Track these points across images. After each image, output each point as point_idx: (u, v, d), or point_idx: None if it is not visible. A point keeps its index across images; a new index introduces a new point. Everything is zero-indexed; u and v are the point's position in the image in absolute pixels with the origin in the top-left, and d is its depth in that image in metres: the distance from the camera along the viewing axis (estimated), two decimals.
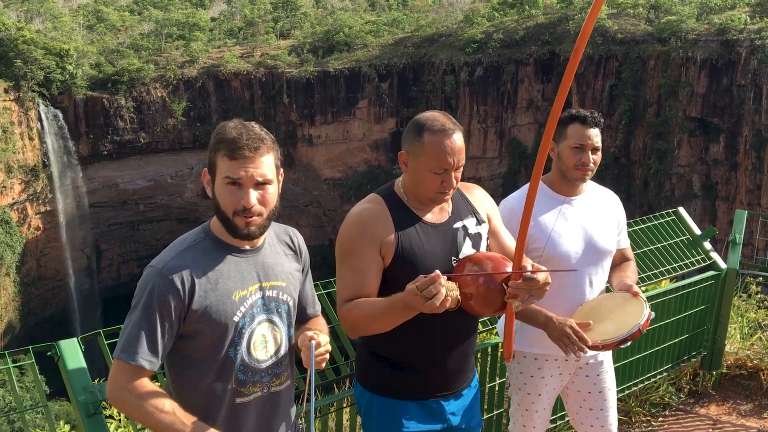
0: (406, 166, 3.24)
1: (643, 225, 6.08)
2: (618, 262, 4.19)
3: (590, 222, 3.99)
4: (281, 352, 2.89)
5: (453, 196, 3.33)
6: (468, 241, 3.31)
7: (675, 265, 5.98)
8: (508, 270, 3.02)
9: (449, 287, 2.76)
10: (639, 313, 3.61)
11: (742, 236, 6.54)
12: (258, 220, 2.71)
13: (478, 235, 3.36)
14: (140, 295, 2.67)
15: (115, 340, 2.71)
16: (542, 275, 2.98)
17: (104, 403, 3.51)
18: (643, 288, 5.80)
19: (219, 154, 2.68)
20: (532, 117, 67.04)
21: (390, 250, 3.17)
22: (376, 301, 3.07)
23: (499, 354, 4.96)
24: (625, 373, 5.83)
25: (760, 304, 7.47)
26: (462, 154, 3.15)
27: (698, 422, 6.22)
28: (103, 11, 77.76)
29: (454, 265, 3.23)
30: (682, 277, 6.12)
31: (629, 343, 3.60)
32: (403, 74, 69.11)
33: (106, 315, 62.76)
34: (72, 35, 69.28)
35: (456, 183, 3.18)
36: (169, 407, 2.62)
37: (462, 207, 3.38)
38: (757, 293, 7.40)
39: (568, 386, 4.17)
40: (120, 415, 4.63)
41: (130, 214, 68.88)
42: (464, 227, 3.33)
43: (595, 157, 3.92)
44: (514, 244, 3.41)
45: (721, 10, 64.11)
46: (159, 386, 2.76)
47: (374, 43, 70.59)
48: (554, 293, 3.73)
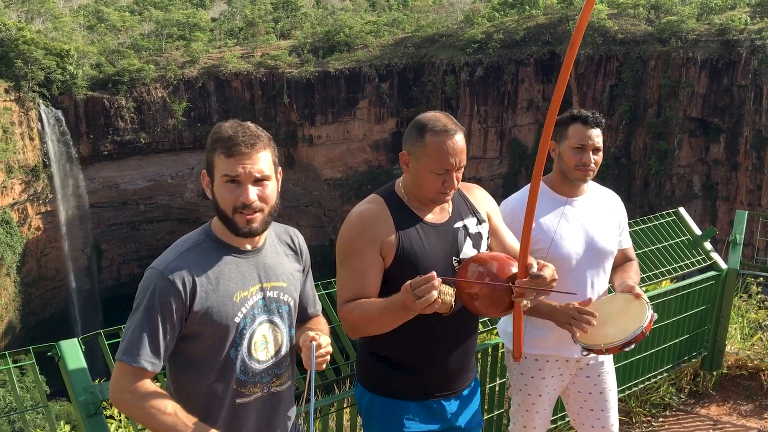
0: (407, 167, 3.24)
1: (644, 225, 6.08)
2: (620, 263, 4.17)
3: (591, 223, 3.98)
4: (282, 353, 2.89)
5: (453, 196, 3.32)
6: (469, 241, 3.31)
7: (675, 265, 5.98)
8: (513, 270, 3.01)
9: (444, 291, 2.73)
10: (641, 315, 3.56)
11: (743, 236, 6.54)
12: (259, 216, 2.71)
13: (479, 234, 3.36)
14: (142, 297, 2.67)
15: (116, 341, 2.72)
16: (549, 271, 2.98)
17: (104, 403, 3.51)
18: (644, 288, 5.80)
19: (216, 153, 2.68)
20: (532, 117, 67.03)
21: (391, 251, 3.17)
22: (376, 302, 3.07)
23: (499, 354, 4.96)
24: (626, 374, 5.83)
25: (761, 305, 7.47)
26: (463, 155, 3.15)
27: (699, 422, 6.22)
28: (103, 11, 77.79)
29: (455, 265, 3.23)
30: (683, 277, 6.11)
31: (633, 346, 3.57)
32: (403, 74, 69.12)
33: (107, 315, 62.78)
34: (72, 35, 69.32)
35: (457, 183, 3.19)
36: (171, 409, 2.63)
37: (462, 207, 3.38)
38: (757, 293, 7.40)
39: (569, 387, 4.16)
40: (120, 416, 4.64)
41: (131, 215, 68.90)
42: (465, 227, 3.33)
43: (596, 158, 3.90)
44: (516, 242, 3.42)
45: (722, 11, 64.10)
46: (160, 387, 2.76)
47: (375, 44, 70.60)
48: (555, 295, 3.73)
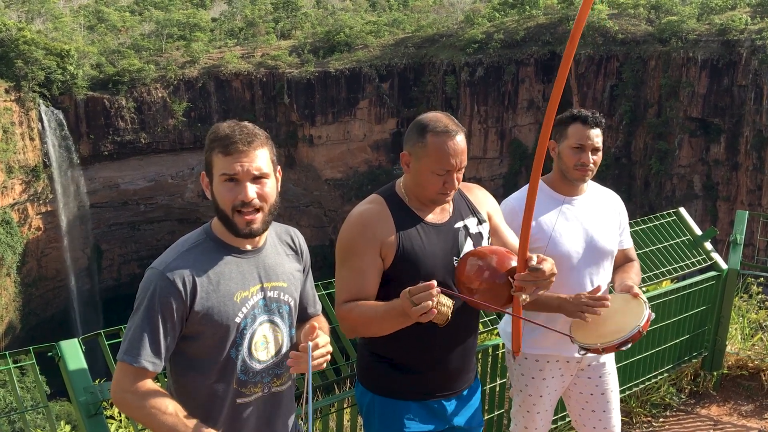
0: (408, 167, 3.24)
1: (644, 225, 6.08)
2: (621, 263, 4.16)
3: (591, 222, 3.98)
4: (282, 353, 2.89)
5: (454, 197, 3.32)
6: (469, 241, 3.31)
7: (676, 265, 5.97)
8: (513, 264, 3.01)
9: (442, 302, 2.73)
10: (639, 315, 3.56)
11: (743, 237, 6.53)
12: (258, 217, 2.71)
13: (479, 234, 3.36)
14: (142, 297, 2.67)
15: (116, 341, 2.72)
16: (548, 265, 2.98)
17: (105, 403, 3.51)
18: (644, 288, 5.80)
19: (214, 152, 2.68)
20: (532, 117, 67.04)
21: (391, 251, 3.17)
22: (375, 305, 3.07)
23: (500, 354, 4.96)
24: (626, 374, 5.83)
25: (761, 305, 7.46)
26: (464, 156, 3.15)
27: (699, 423, 6.22)
28: (103, 12, 77.84)
29: (456, 266, 3.23)
30: (683, 277, 6.11)
31: (629, 345, 3.57)
32: (403, 74, 69.13)
33: (107, 315, 62.78)
34: (73, 36, 69.35)
35: (458, 184, 3.19)
36: (171, 409, 2.63)
37: (463, 207, 3.39)
38: (758, 294, 7.39)
39: (571, 388, 4.15)
40: (121, 416, 4.64)
41: (131, 215, 68.92)
42: (465, 227, 3.33)
43: (596, 158, 3.90)
44: (517, 241, 3.41)
45: (722, 11, 64.10)
46: (160, 386, 2.76)
47: (375, 44, 70.61)
48: (556, 289, 3.73)
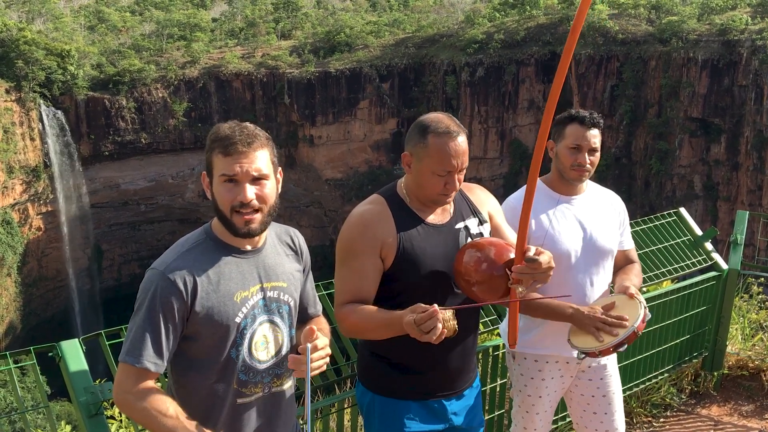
0: (409, 168, 3.24)
1: (645, 225, 6.07)
2: (622, 265, 4.15)
3: (590, 221, 3.98)
4: (282, 353, 2.89)
5: (455, 197, 3.32)
6: (470, 241, 3.30)
7: (676, 265, 5.97)
8: (511, 256, 3.02)
9: (446, 318, 2.76)
10: (634, 316, 3.56)
11: (744, 237, 6.53)
12: (257, 217, 2.71)
13: (480, 235, 3.36)
14: (143, 298, 2.67)
15: (116, 341, 2.72)
16: (545, 257, 2.98)
17: (105, 403, 3.51)
18: (645, 289, 5.79)
19: (214, 152, 2.69)
20: (533, 117, 67.02)
21: (391, 252, 3.17)
22: (375, 313, 3.07)
23: (500, 355, 4.96)
24: (627, 374, 5.83)
25: (762, 305, 7.46)
26: (465, 157, 3.15)
27: (699, 423, 6.21)
28: (104, 12, 77.86)
29: (455, 257, 3.23)
30: (684, 277, 6.11)
31: (625, 347, 3.57)
32: (404, 75, 69.12)
33: (108, 315, 62.78)
34: (73, 36, 69.36)
35: (459, 185, 3.19)
36: (172, 411, 2.63)
37: (464, 207, 3.39)
38: (758, 294, 7.39)
39: (572, 390, 4.14)
40: (121, 416, 4.64)
41: (132, 215, 68.92)
42: (466, 227, 3.33)
43: (593, 158, 3.89)
44: None
45: (723, 11, 64.09)
46: (161, 387, 2.76)
47: (375, 44, 70.61)
48: (555, 293, 3.73)
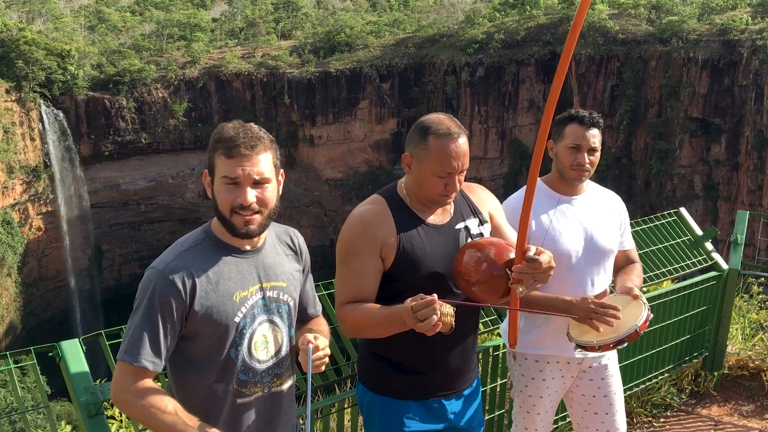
0: (409, 168, 3.24)
1: (645, 225, 6.07)
2: (623, 265, 4.15)
3: (590, 221, 3.98)
4: (282, 353, 2.89)
5: (455, 197, 3.32)
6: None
7: (677, 265, 5.97)
8: (511, 256, 3.02)
9: (445, 312, 2.76)
10: (637, 315, 3.58)
11: (744, 237, 6.53)
12: (257, 218, 2.71)
13: (480, 235, 3.35)
14: (142, 297, 2.67)
15: (117, 341, 2.72)
16: (545, 257, 2.98)
17: (105, 403, 3.51)
18: (645, 289, 5.79)
19: (217, 153, 2.68)
20: (533, 117, 67.01)
21: (391, 252, 3.17)
22: (375, 310, 3.07)
23: (500, 355, 4.96)
24: (627, 374, 5.82)
25: (762, 305, 7.46)
26: (466, 158, 3.15)
27: (700, 423, 6.21)
28: (104, 12, 77.85)
29: (455, 257, 3.22)
30: (684, 277, 6.11)
31: (626, 344, 3.57)
32: (404, 75, 69.11)
33: (108, 315, 62.79)
34: (73, 36, 69.36)
35: (459, 186, 3.18)
36: (171, 408, 2.63)
37: (464, 208, 3.39)
38: (758, 294, 7.39)
39: (573, 390, 4.14)
40: (121, 416, 4.64)
41: (132, 215, 68.93)
42: (466, 228, 3.33)
43: (592, 158, 3.89)
44: None
45: (723, 11, 64.08)
46: (161, 387, 2.76)
47: (375, 44, 70.60)
48: (556, 293, 3.73)
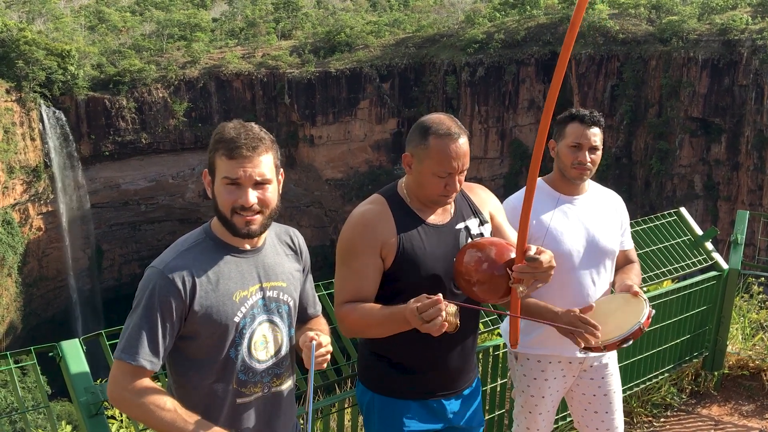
0: (409, 168, 3.23)
1: (645, 225, 6.07)
2: (622, 264, 4.15)
3: (592, 221, 3.98)
4: (282, 353, 2.89)
5: (456, 197, 3.32)
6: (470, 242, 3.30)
7: (677, 265, 5.97)
8: (512, 256, 3.01)
9: (450, 312, 2.76)
10: (639, 312, 3.58)
11: (744, 237, 6.53)
12: (258, 219, 2.71)
13: (481, 235, 3.35)
14: (141, 296, 2.67)
15: (117, 341, 2.71)
16: (546, 256, 2.97)
17: (106, 403, 3.51)
18: (645, 288, 5.79)
19: (218, 153, 2.68)
20: (533, 117, 66.98)
21: (391, 252, 3.17)
22: (376, 309, 3.07)
23: (500, 354, 4.96)
24: (627, 374, 5.82)
25: (762, 305, 7.46)
26: (466, 158, 3.15)
27: (700, 423, 6.21)
28: (104, 12, 77.82)
29: (455, 257, 3.22)
30: (684, 277, 6.11)
31: (630, 342, 3.57)
32: (404, 74, 69.10)
33: (108, 315, 62.76)
34: (73, 36, 69.32)
35: (460, 186, 3.18)
36: (170, 405, 2.63)
37: (464, 208, 3.38)
38: (758, 294, 7.39)
39: (573, 389, 4.14)
40: (122, 416, 4.64)
41: (132, 215, 68.93)
42: (467, 228, 3.33)
43: (594, 157, 3.89)
44: None
45: (723, 10, 64.06)
46: (160, 386, 2.76)
47: (375, 44, 70.59)
48: (557, 294, 3.73)
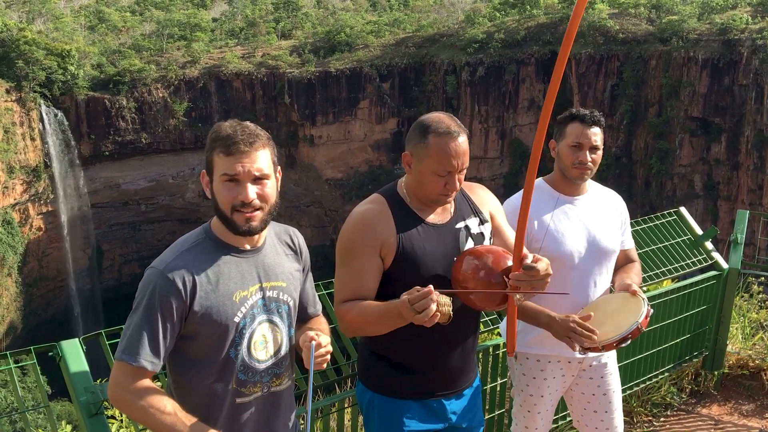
0: (409, 167, 3.23)
1: (645, 225, 6.07)
2: (622, 264, 4.15)
3: (593, 221, 3.98)
4: (282, 353, 2.89)
5: (456, 197, 3.32)
6: (470, 242, 3.30)
7: (677, 265, 5.97)
8: (509, 263, 3.01)
9: (442, 302, 2.75)
10: (637, 311, 3.58)
11: (744, 236, 6.53)
12: (258, 215, 2.71)
13: (481, 235, 3.35)
14: (142, 296, 2.67)
15: (117, 341, 2.71)
16: (543, 265, 2.97)
17: (106, 403, 3.51)
18: (645, 288, 5.79)
19: (215, 152, 2.68)
20: (533, 117, 66.95)
21: (391, 251, 3.17)
22: (374, 305, 3.07)
23: (500, 354, 4.96)
24: (627, 374, 5.82)
25: (762, 304, 7.46)
26: (466, 157, 3.15)
27: (700, 422, 6.21)
28: (104, 12, 77.82)
29: (453, 265, 3.22)
30: (684, 277, 6.11)
31: (629, 342, 3.56)
32: (404, 74, 69.08)
33: (108, 315, 62.75)
34: (73, 36, 69.31)
35: (459, 185, 3.18)
36: (170, 408, 2.63)
37: (464, 207, 3.38)
38: (758, 293, 7.39)
39: (572, 388, 4.15)
40: (122, 416, 4.64)
41: (132, 215, 68.92)
42: (467, 227, 3.33)
43: (594, 156, 3.88)
44: None
45: (723, 10, 64.05)
46: (160, 386, 2.76)
47: (375, 44, 70.57)
48: (552, 302, 3.71)
